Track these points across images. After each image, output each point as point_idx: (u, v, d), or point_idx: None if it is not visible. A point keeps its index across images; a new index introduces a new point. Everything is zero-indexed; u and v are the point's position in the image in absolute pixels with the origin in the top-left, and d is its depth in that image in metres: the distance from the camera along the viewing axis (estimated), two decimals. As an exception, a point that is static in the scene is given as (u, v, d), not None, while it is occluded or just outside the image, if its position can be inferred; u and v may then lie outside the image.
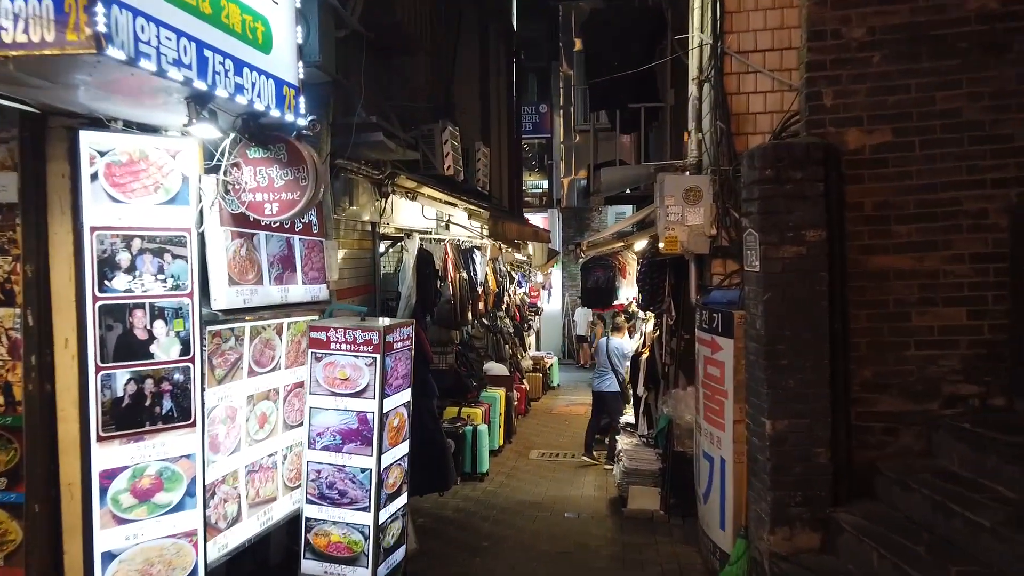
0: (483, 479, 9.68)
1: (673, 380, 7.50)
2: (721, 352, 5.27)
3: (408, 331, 4.98)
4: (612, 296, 10.21)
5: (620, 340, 10.68)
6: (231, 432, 4.57)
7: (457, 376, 10.27)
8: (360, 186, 7.07)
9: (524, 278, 18.02)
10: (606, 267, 10.08)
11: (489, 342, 14.86)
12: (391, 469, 4.95)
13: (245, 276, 4.52)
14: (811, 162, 4.58)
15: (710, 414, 5.48)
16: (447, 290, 9.49)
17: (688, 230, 5.93)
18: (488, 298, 12.11)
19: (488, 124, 13.70)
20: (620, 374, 10.40)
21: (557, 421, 14.45)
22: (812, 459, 4.61)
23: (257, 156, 4.23)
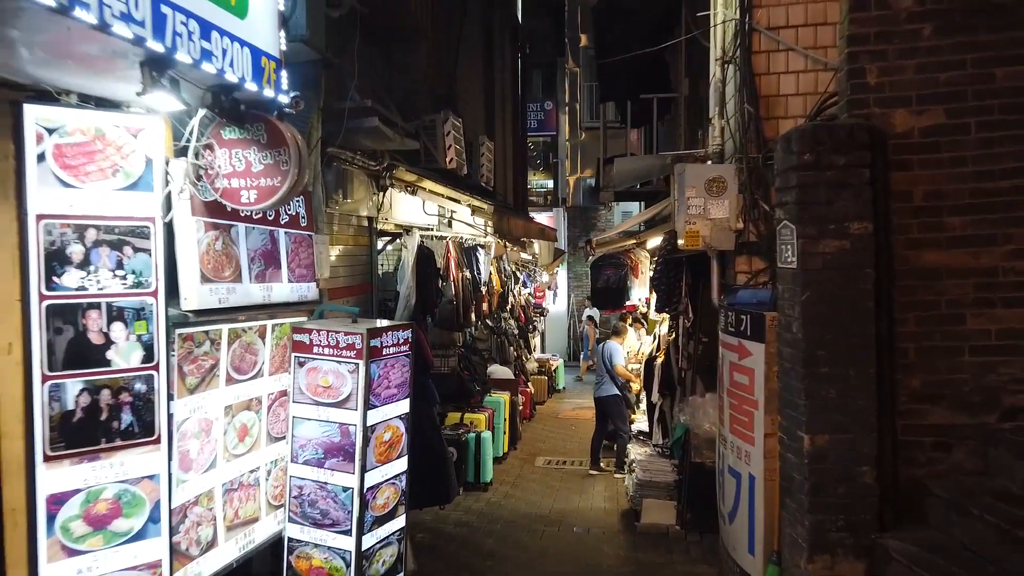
0: (487, 489, 9.20)
1: (690, 386, 7.01)
2: (750, 358, 4.77)
3: (404, 335, 4.48)
4: (623, 296, 9.71)
5: (614, 344, 10.23)
6: (205, 447, 4.08)
7: (459, 380, 9.79)
8: (356, 178, 6.59)
9: (529, 278, 17.53)
10: (617, 266, 9.58)
11: (493, 344, 14.40)
12: (380, 489, 4.45)
13: (221, 273, 4.04)
14: (855, 146, 4.08)
15: (737, 426, 4.99)
16: (449, 290, 9.01)
17: (711, 224, 5.44)
18: (492, 299, 11.62)
19: (492, 119, 13.22)
20: (616, 379, 9.91)
21: (563, 426, 13.97)
22: (856, 479, 4.11)
23: (233, 137, 3.75)
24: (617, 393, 9.85)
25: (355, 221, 6.85)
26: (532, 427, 13.67)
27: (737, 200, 5.29)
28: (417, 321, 7.39)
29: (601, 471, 10.16)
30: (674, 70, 10.67)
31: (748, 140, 5.15)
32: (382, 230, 7.53)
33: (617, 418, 9.98)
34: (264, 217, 4.49)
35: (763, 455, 4.69)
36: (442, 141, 8.64)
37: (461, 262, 9.36)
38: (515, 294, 15.39)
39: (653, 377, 7.57)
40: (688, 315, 6.99)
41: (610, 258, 9.74)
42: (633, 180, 7.73)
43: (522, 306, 16.62)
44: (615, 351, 9.96)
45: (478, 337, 14.26)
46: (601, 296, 9.82)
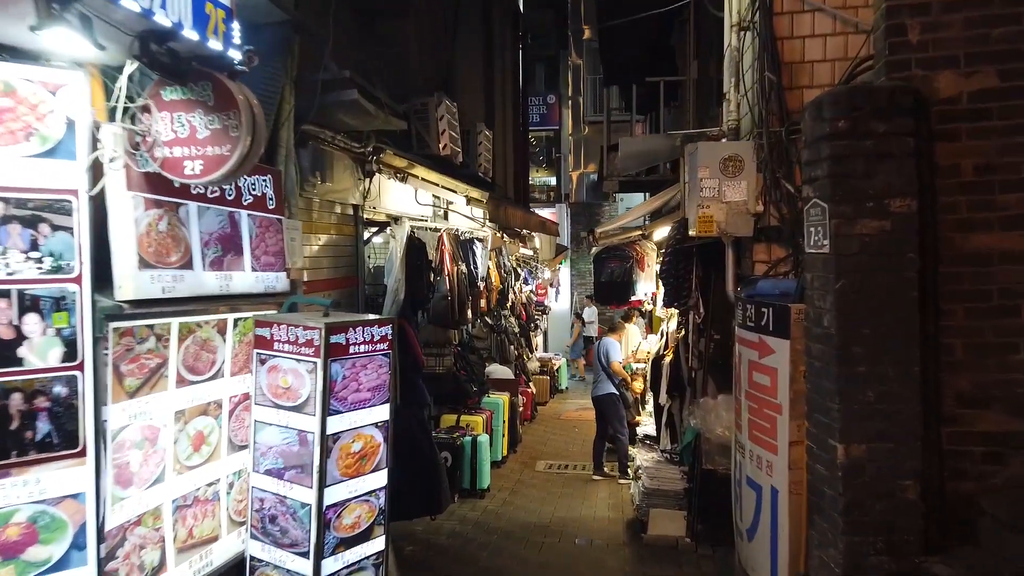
0: (483, 496, 8.67)
1: (701, 387, 6.47)
2: (772, 356, 4.23)
3: (383, 331, 3.94)
4: (629, 291, 9.16)
5: (611, 340, 9.74)
6: (150, 458, 3.56)
7: (455, 381, 9.26)
8: (338, 161, 6.06)
9: (531, 275, 17.00)
10: (622, 258, 9.03)
11: (493, 343, 13.87)
12: (348, 507, 3.89)
13: (165, 257, 3.51)
14: (898, 110, 3.54)
15: (757, 432, 4.45)
16: (443, 285, 8.48)
17: (726, 208, 4.91)
18: (491, 295, 11.09)
19: (492, 109, 12.68)
20: (613, 377, 9.37)
21: (566, 428, 13.44)
22: (897, 494, 3.57)
23: (175, 98, 3.22)
24: (613, 392, 9.32)
25: (339, 209, 6.33)
26: (533, 429, 13.15)
27: (756, 180, 4.75)
28: (407, 317, 6.86)
29: (604, 476, 9.63)
30: (681, 54, 10.14)
31: (770, 112, 4.61)
32: (369, 219, 7.01)
33: (613, 419, 9.44)
34: (222, 196, 3.97)
35: (788, 466, 4.15)
36: (435, 126, 8.13)
37: (456, 255, 8.83)
38: (516, 291, 14.87)
39: (661, 377, 7.03)
40: (699, 310, 6.45)
41: (614, 250, 9.19)
42: (639, 164, 7.18)
43: (523, 303, 16.10)
44: (611, 348, 9.43)
45: (476, 335, 13.73)
46: (605, 291, 9.27)
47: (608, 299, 9.67)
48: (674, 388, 6.81)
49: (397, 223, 6.93)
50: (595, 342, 20.37)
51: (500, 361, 13.81)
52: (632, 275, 8.91)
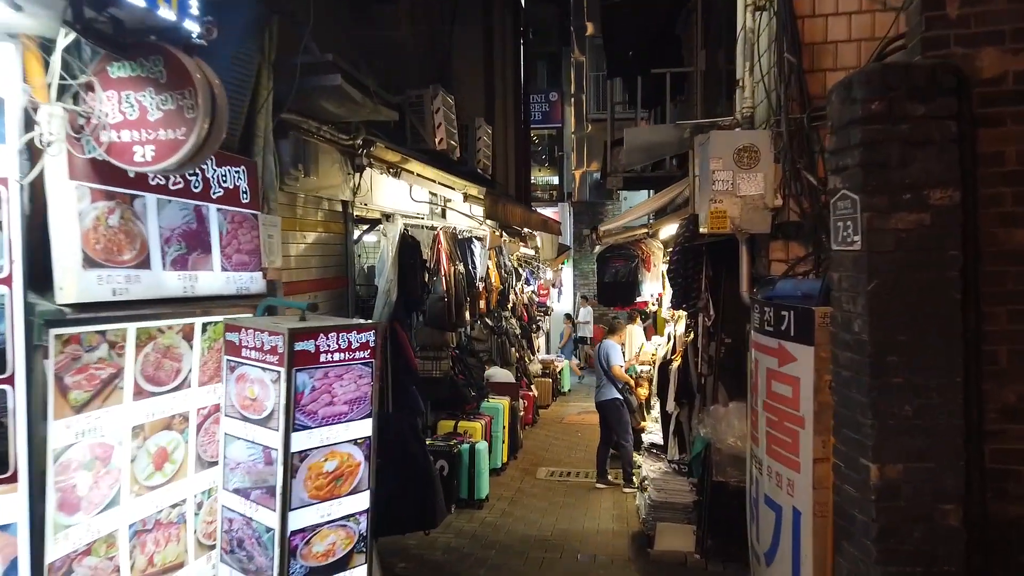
0: (482, 506, 8.29)
1: (711, 394, 6.10)
2: (793, 364, 3.86)
3: (364, 337, 3.55)
4: (634, 292, 8.76)
5: (611, 343, 9.39)
6: (102, 480, 3.19)
7: (453, 385, 8.88)
8: (324, 154, 5.70)
9: (532, 275, 16.63)
10: (627, 257, 8.63)
11: (493, 345, 13.50)
12: (319, 533, 3.50)
13: (117, 255, 3.14)
14: (939, 90, 3.16)
15: (776, 447, 4.07)
16: (439, 285, 8.12)
17: (740, 202, 4.53)
18: (491, 295, 10.74)
19: (492, 106, 12.30)
20: (614, 382, 8.98)
21: (568, 432, 13.06)
22: (937, 519, 3.19)
23: (123, 75, 2.86)
24: (617, 397, 8.94)
25: (326, 205, 5.96)
26: (534, 434, 12.78)
27: (774, 172, 4.37)
28: (399, 319, 6.50)
29: (608, 484, 9.26)
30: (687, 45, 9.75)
31: (790, 98, 4.22)
32: (360, 217, 6.64)
33: (617, 425, 9.07)
34: (187, 188, 3.60)
35: (812, 485, 3.77)
36: (431, 119, 7.75)
37: (453, 255, 8.46)
38: (517, 291, 14.50)
39: (668, 383, 6.65)
40: (708, 312, 6.08)
41: (619, 249, 8.78)
42: (645, 158, 6.79)
43: (524, 304, 15.73)
44: (612, 351, 9.04)
45: (476, 337, 13.36)
46: (609, 291, 8.86)
47: (612, 300, 9.24)
48: (682, 395, 6.43)
49: (388, 220, 6.56)
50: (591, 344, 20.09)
51: (501, 364, 13.44)
52: (637, 275, 8.51)
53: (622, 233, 7.97)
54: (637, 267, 8.43)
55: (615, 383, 8.98)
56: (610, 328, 9.39)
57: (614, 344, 9.29)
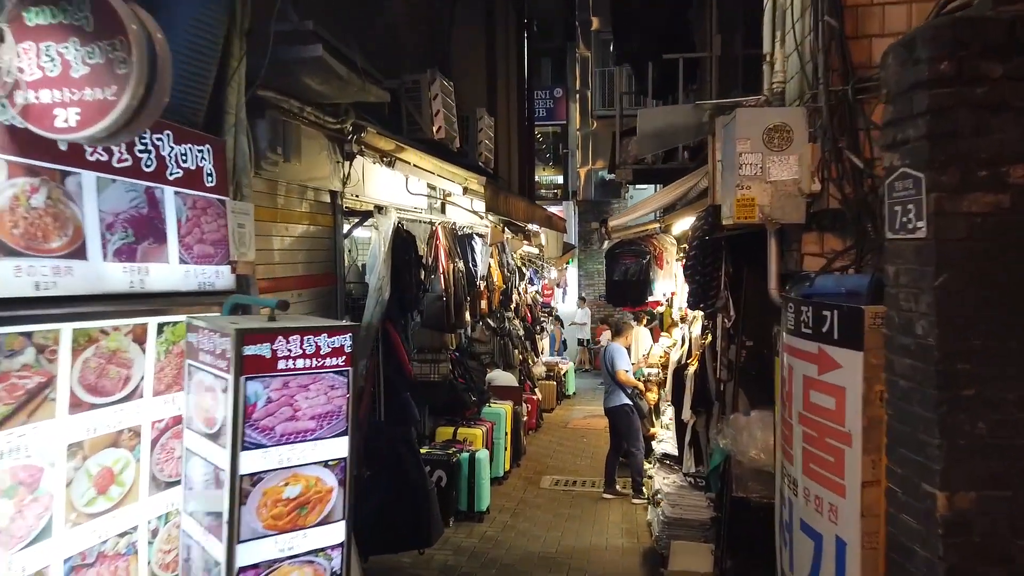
0: (482, 519, 7.80)
1: (731, 402, 5.59)
2: (838, 372, 3.35)
3: (336, 341, 3.01)
4: (645, 291, 8.25)
5: (616, 346, 8.97)
6: (28, 509, 2.71)
7: (452, 390, 8.40)
8: (311, 139, 5.22)
9: (536, 274, 16.14)
10: (638, 254, 8.12)
11: (495, 347, 13.00)
12: (278, 569, 2.96)
13: (41, 242, 2.65)
14: (1018, 48, 2.66)
15: (816, 466, 3.57)
16: (437, 284, 7.63)
17: (770, 189, 4.02)
18: (492, 295, 10.25)
19: (494, 97, 11.82)
20: (623, 387, 8.49)
21: (574, 437, 12.57)
22: (1019, 560, 2.69)
23: (42, 22, 2.37)
24: (627, 403, 8.45)
25: (312, 195, 5.47)
26: (538, 439, 12.29)
27: (811, 153, 3.86)
28: (392, 320, 6.01)
29: (617, 494, 8.77)
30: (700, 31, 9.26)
31: (830, 68, 3.71)
32: (351, 209, 6.15)
33: (627, 432, 8.58)
34: (136, 166, 3.11)
35: (859, 512, 3.26)
36: (428, 106, 7.28)
37: (453, 251, 7.97)
38: (520, 291, 14.02)
39: (684, 390, 6.16)
40: (728, 312, 5.57)
41: (629, 245, 8.25)
42: (659, 145, 6.27)
43: (528, 305, 15.24)
44: (617, 355, 8.55)
45: (478, 339, 12.85)
46: (619, 290, 8.33)
47: (622, 300, 8.71)
48: (699, 402, 5.93)
49: (381, 212, 6.06)
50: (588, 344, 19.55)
51: (503, 367, 12.96)
52: (649, 273, 7.99)
53: (633, 228, 7.48)
54: (649, 264, 7.91)
55: (624, 388, 8.50)
56: (615, 330, 8.88)
57: (620, 347, 8.80)
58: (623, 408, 8.54)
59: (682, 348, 6.64)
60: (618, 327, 9.00)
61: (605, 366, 8.80)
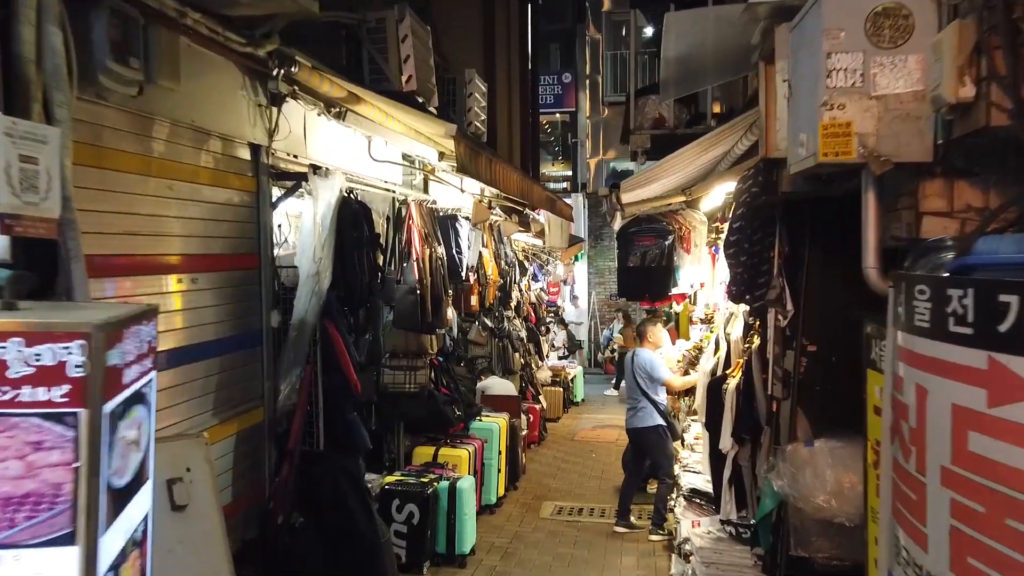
0: (464, 563, 6.37)
1: (788, 428, 4.10)
2: (1036, 404, 1.90)
3: (57, 353, 1.43)
4: (668, 280, 6.66)
5: (648, 353, 7.44)
6: None
7: (432, 403, 6.93)
8: (208, 65, 3.79)
9: (541, 270, 14.66)
10: (659, 233, 6.52)
11: (493, 350, 11.57)
12: None
13: None
14: None
15: (983, 563, 2.11)
16: (410, 274, 6.19)
17: (877, 108, 2.56)
18: (486, 290, 8.80)
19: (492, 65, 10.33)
20: (658, 403, 7.03)
21: (581, 452, 11.11)
22: None
23: None
24: (661, 424, 7.00)
25: (219, 146, 4.03)
26: (541, 454, 10.83)
27: (959, 36, 2.38)
28: (334, 318, 4.55)
29: (630, 527, 7.29)
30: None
31: None
32: (284, 171, 4.70)
33: (660, 457, 7.12)
34: None
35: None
36: (395, 50, 5.85)
37: (430, 235, 6.52)
38: (522, 288, 12.55)
39: (721, 410, 4.64)
40: (783, 306, 4.09)
41: (647, 223, 6.66)
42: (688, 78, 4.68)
43: (531, 303, 13.77)
44: (655, 363, 7.05)
45: (474, 341, 11.40)
46: (634, 280, 6.68)
47: (639, 292, 7.03)
48: (743, 427, 4.42)
49: (320, 174, 4.60)
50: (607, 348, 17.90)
51: (502, 372, 11.52)
52: (672, 258, 6.42)
53: (651, 201, 5.98)
54: (672, 247, 6.36)
55: (658, 405, 7.00)
56: (639, 333, 7.37)
57: (653, 354, 7.25)
58: (656, 430, 7.05)
59: (715, 354, 5.13)
60: (641, 330, 7.44)
61: (637, 379, 7.32)
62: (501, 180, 5.88)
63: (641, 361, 7.20)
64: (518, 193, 6.75)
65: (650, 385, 7.12)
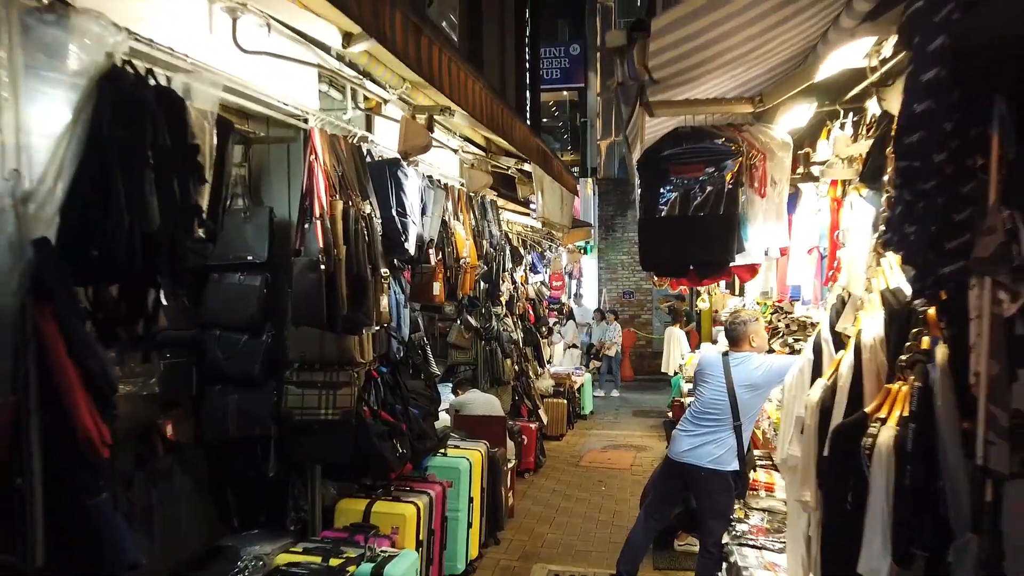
0: None
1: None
2: None
3: None
4: (729, 240, 3.79)
5: (762, 357, 4.74)
6: None
7: (362, 436, 4.62)
8: None
9: (541, 260, 12.34)
10: (713, 158, 3.75)
11: (480, 355, 9.31)
12: None
13: None
14: None
15: None
16: (311, 240, 3.95)
17: None
18: (460, 277, 6.50)
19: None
20: (745, 440, 4.62)
21: (588, 483, 8.85)
22: None
23: None
24: (736, 469, 4.60)
25: None
26: (536, 488, 8.55)
27: None
28: (58, 299, 2.24)
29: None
30: None
31: None
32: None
33: (714, 516, 4.70)
34: None
35: None
36: None
37: (350, 184, 4.25)
38: (516, 280, 10.26)
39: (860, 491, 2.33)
40: (1012, 270, 1.79)
41: (693, 140, 3.83)
42: None
43: (530, 299, 11.48)
44: (770, 367, 4.55)
45: (455, 345, 9.15)
46: (668, 240, 3.63)
47: (675, 260, 3.76)
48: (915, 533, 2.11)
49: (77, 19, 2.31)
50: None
51: (490, 383, 9.26)
52: (736, 202, 3.76)
53: (700, 106, 3.47)
54: (736, 184, 3.73)
55: (743, 443, 4.60)
56: (733, 334, 4.82)
57: (767, 358, 4.75)
58: (727, 478, 4.68)
59: (827, 377, 2.71)
60: (736, 330, 4.89)
61: (730, 397, 4.68)
62: (456, 87, 3.58)
63: (750, 368, 4.66)
64: (486, 122, 4.44)
65: (752, 410, 4.68)
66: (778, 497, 4.91)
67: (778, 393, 4.66)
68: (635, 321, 18.62)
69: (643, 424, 12.57)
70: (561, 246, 13.28)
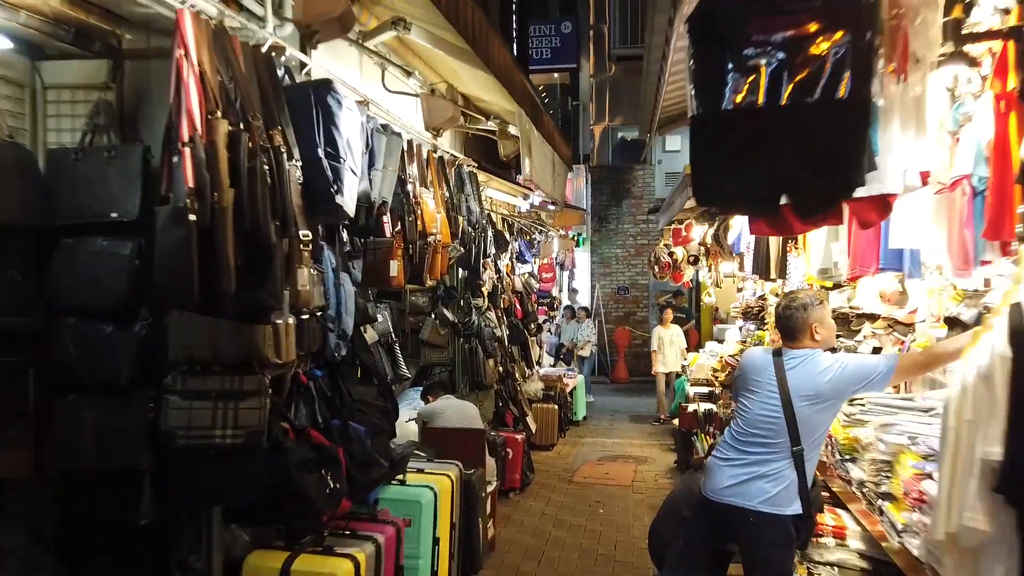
0: None
1: None
2: None
3: None
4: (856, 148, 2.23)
5: (830, 356, 3.36)
6: None
7: (278, 467, 3.26)
8: None
9: (530, 248, 10.98)
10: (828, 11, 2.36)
11: (458, 355, 7.97)
12: None
13: None
14: None
15: None
16: (178, 180, 2.58)
17: None
18: (429, 257, 5.16)
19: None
20: (808, 472, 3.26)
21: (582, 503, 7.53)
22: None
23: None
24: (797, 512, 3.25)
25: None
26: (521, 511, 7.21)
27: None
28: None
29: None
30: None
31: None
32: None
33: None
34: None
35: None
36: None
37: (247, 100, 2.90)
38: (501, 269, 8.93)
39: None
40: None
41: None
42: None
43: (517, 291, 10.14)
44: (860, 367, 3.17)
45: (428, 342, 7.78)
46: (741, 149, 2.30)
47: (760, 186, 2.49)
48: None
49: None
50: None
51: (469, 387, 7.94)
52: (865, 80, 2.27)
53: None
54: (869, 51, 2.22)
55: (807, 475, 3.26)
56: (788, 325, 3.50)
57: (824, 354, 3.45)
58: (786, 525, 3.32)
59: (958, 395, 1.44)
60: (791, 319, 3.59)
61: (786, 411, 3.31)
62: None
63: (815, 371, 3.32)
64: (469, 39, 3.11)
65: (818, 430, 3.32)
66: (851, 547, 3.57)
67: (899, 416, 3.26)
68: (631, 319, 17.33)
69: (642, 431, 11.28)
70: (552, 229, 11.92)
